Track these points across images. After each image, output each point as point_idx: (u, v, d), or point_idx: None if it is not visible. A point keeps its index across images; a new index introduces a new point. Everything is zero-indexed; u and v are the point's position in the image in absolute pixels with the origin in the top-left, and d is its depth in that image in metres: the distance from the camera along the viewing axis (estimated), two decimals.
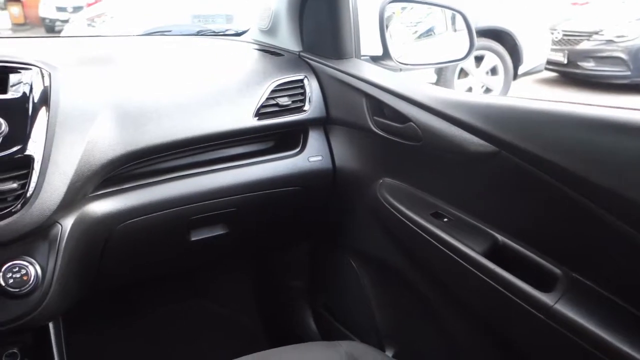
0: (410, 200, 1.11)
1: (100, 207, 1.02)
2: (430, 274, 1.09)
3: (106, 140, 0.99)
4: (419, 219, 1.05)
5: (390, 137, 1.13)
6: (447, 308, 1.08)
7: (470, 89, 4.99)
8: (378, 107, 1.15)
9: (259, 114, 1.17)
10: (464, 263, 0.96)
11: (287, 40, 1.39)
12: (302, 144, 1.25)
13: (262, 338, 1.72)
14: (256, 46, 1.44)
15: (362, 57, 1.30)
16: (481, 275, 0.93)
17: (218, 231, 1.22)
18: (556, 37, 5.90)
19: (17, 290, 0.88)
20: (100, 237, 1.04)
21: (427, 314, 1.15)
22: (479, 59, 5.00)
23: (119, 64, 1.22)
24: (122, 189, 1.06)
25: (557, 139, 0.83)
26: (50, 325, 1.05)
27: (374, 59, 1.32)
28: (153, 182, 1.09)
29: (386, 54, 1.27)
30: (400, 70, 1.31)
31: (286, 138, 1.26)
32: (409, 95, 1.07)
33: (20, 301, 0.90)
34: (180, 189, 1.11)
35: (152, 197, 1.08)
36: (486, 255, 0.94)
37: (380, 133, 1.15)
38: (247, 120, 1.15)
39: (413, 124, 1.05)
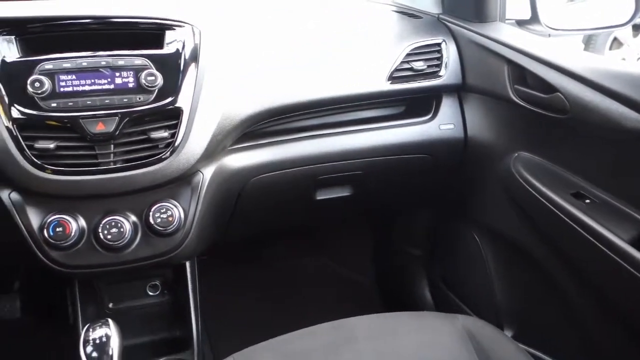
0: (548, 177, 1.03)
1: (237, 160, 1.08)
2: (565, 258, 1.02)
3: (246, 98, 1.04)
4: (557, 198, 0.98)
5: (532, 108, 1.05)
6: (582, 297, 1.01)
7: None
8: (521, 75, 1.07)
9: (393, 78, 1.15)
10: (607, 251, 0.88)
11: (426, 1, 1.34)
12: (434, 110, 1.22)
13: (376, 300, 1.75)
14: (394, 8, 1.41)
15: (506, 21, 1.22)
16: (628, 266, 0.85)
17: (343, 192, 1.25)
18: None
19: (163, 229, 0.98)
20: (235, 188, 1.11)
21: (557, 300, 1.08)
22: (637, 28, 4.45)
23: (260, 22, 1.26)
24: (257, 144, 1.11)
25: None
26: (187, 264, 1.15)
27: (520, 23, 1.23)
28: (285, 139, 1.13)
29: (534, 18, 1.18)
30: (549, 35, 1.21)
31: (418, 104, 1.23)
32: (558, 63, 0.98)
33: (165, 239, 1.00)
34: (310, 148, 1.14)
35: (283, 154, 1.12)
36: (635, 245, 0.85)
37: (521, 103, 1.07)
38: (380, 83, 1.14)
39: (560, 94, 0.97)
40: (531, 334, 1.20)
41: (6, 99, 0.89)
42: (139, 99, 0.93)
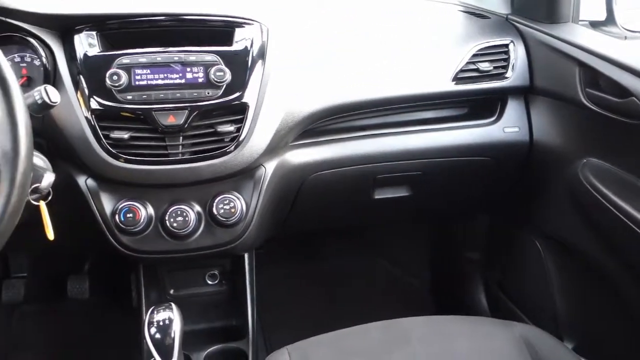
0: (619, 185, 0.99)
1: (298, 156, 1.10)
2: (635, 272, 0.97)
3: (309, 95, 1.06)
4: (629, 208, 0.94)
5: (604, 113, 1.01)
6: None
7: None
8: (593, 78, 1.03)
9: (457, 79, 1.13)
10: None
11: (494, 1, 1.31)
12: (499, 113, 1.19)
13: (430, 303, 1.73)
14: (461, 8, 1.39)
15: (579, 22, 1.17)
16: None
17: (401, 193, 1.24)
18: None
19: (225, 219, 1.01)
20: (295, 183, 1.13)
21: (623, 313, 1.04)
22: None
23: (323, 21, 1.27)
24: (318, 141, 1.13)
25: None
26: (246, 256, 1.19)
27: (594, 25, 1.18)
28: (345, 138, 1.14)
29: (610, 19, 1.13)
30: (625, 38, 1.15)
31: (482, 105, 1.21)
32: (633, 66, 0.94)
33: (226, 230, 1.03)
34: (370, 147, 1.15)
35: (343, 152, 1.13)
36: None
37: (593, 107, 1.03)
38: (444, 84, 1.13)
39: (636, 99, 0.93)
40: (593, 347, 1.16)
41: (86, 91, 0.95)
42: (208, 93, 0.96)
